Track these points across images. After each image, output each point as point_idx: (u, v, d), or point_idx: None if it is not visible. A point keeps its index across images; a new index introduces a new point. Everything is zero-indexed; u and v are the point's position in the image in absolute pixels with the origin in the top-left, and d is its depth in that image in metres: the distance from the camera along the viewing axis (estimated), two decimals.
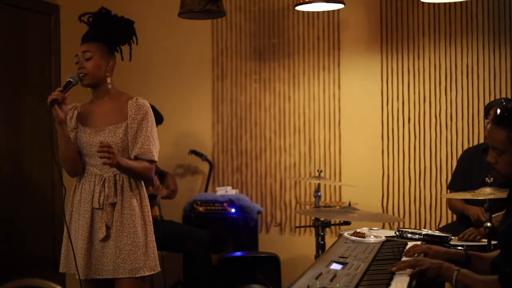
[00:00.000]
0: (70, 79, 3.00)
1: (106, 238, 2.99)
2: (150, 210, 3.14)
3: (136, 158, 3.05)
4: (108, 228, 2.99)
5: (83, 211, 3.02)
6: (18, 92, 4.91)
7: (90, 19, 3.16)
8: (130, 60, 3.21)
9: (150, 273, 3.08)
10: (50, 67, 5.18)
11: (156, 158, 3.09)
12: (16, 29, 4.89)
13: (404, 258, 2.70)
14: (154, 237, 3.11)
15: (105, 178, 3.02)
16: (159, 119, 4.59)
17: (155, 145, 3.10)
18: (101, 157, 2.87)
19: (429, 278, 2.39)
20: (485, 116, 4.08)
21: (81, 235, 3.01)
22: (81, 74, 3.03)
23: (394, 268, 2.39)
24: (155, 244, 3.11)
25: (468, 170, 4.07)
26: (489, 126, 2.45)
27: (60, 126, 2.96)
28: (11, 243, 4.73)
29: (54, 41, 5.19)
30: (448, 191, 4.26)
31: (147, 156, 3.05)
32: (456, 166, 4.26)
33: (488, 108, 4.04)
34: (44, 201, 5.09)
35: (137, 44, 3.22)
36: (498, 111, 2.41)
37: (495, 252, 2.67)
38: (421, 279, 2.45)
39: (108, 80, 3.11)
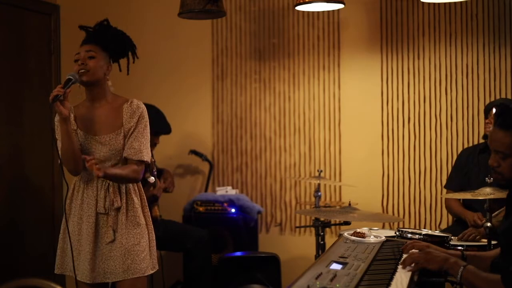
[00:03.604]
0: (70, 77, 2.97)
1: (113, 241, 3.00)
2: (149, 209, 3.16)
3: (126, 158, 3.05)
4: (114, 232, 3.00)
5: (87, 216, 3.02)
6: (18, 92, 4.91)
7: (90, 29, 3.17)
8: (128, 74, 3.21)
9: (152, 272, 3.12)
10: (50, 67, 5.18)
11: (146, 159, 3.06)
12: (16, 29, 4.89)
13: (404, 255, 2.70)
14: (154, 235, 3.15)
15: (109, 183, 3.02)
16: (165, 126, 4.58)
17: (146, 145, 3.07)
18: (90, 168, 2.85)
19: (432, 270, 2.39)
20: (486, 117, 4.08)
21: (85, 239, 3.01)
22: (82, 70, 3.01)
23: (401, 266, 2.41)
24: (155, 243, 3.16)
25: (466, 170, 4.08)
26: (491, 128, 2.42)
27: (63, 122, 2.92)
28: (11, 243, 4.73)
29: (54, 41, 5.20)
30: (445, 191, 4.27)
31: (137, 156, 3.03)
32: (453, 166, 4.26)
33: (488, 109, 4.03)
34: (44, 201, 5.09)
35: (133, 62, 3.23)
36: (502, 113, 2.38)
37: (493, 252, 2.67)
38: (422, 278, 2.45)
39: (109, 83, 3.12)
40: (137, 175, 3.04)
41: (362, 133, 4.81)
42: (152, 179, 3.70)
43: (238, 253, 4.52)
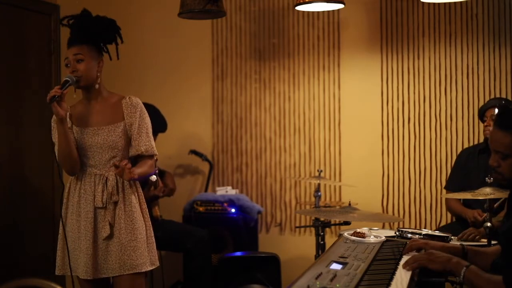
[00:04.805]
0: (67, 78, 3.00)
1: (110, 236, 3.01)
2: (146, 206, 3.18)
3: (139, 155, 3.11)
4: (111, 226, 3.01)
5: (85, 212, 3.02)
6: (18, 92, 4.91)
7: (71, 21, 3.13)
8: (118, 58, 3.20)
9: (152, 268, 3.12)
10: (50, 67, 5.18)
11: (156, 153, 3.19)
12: (16, 29, 4.89)
13: (404, 257, 2.70)
14: (152, 232, 3.16)
15: (107, 177, 3.03)
16: (162, 125, 4.58)
17: (153, 139, 3.18)
18: (119, 173, 2.90)
19: (434, 271, 2.39)
20: (481, 119, 4.06)
21: (84, 235, 3.01)
22: (75, 77, 3.03)
23: (403, 265, 2.41)
24: (154, 239, 3.16)
25: (466, 170, 4.08)
26: (491, 129, 2.42)
27: (60, 123, 2.95)
28: (11, 243, 4.73)
29: (54, 41, 5.20)
30: (445, 191, 4.27)
31: (150, 152, 3.14)
32: (453, 166, 4.26)
33: (483, 111, 4.02)
34: (44, 201, 5.09)
35: (122, 42, 3.20)
36: (502, 113, 2.38)
37: (493, 248, 2.66)
38: (422, 278, 2.44)
39: (98, 80, 3.12)
40: (153, 169, 3.18)
41: (362, 133, 4.81)
42: (154, 177, 3.71)
43: (238, 253, 4.52)
